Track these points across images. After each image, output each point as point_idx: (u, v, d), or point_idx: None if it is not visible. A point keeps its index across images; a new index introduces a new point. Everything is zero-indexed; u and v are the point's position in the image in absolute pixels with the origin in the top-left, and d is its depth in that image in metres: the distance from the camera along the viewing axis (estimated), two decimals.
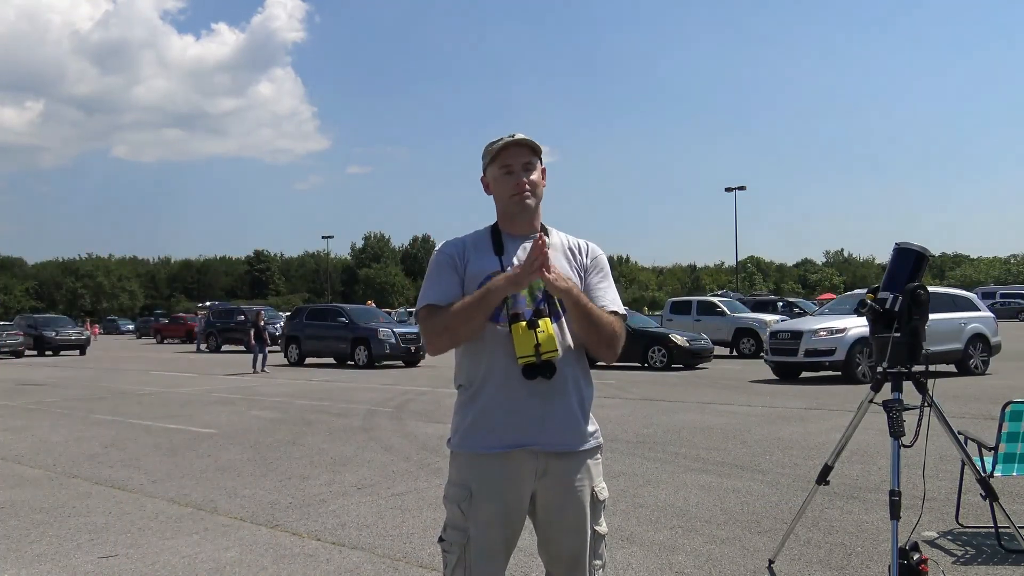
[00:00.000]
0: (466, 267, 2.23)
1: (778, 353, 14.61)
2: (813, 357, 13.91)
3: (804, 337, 13.98)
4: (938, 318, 13.26)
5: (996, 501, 3.66)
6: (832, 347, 13.66)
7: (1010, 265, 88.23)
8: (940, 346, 13.33)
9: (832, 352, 13.65)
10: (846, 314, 14.55)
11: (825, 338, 13.85)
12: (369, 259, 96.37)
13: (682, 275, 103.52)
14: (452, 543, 2.18)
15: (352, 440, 8.36)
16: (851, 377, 13.41)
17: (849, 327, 13.55)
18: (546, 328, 2.13)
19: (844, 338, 13.62)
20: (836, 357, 13.60)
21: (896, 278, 3.55)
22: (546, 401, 2.16)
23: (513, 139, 2.24)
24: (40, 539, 4.83)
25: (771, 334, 15.11)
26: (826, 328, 13.91)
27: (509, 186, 2.24)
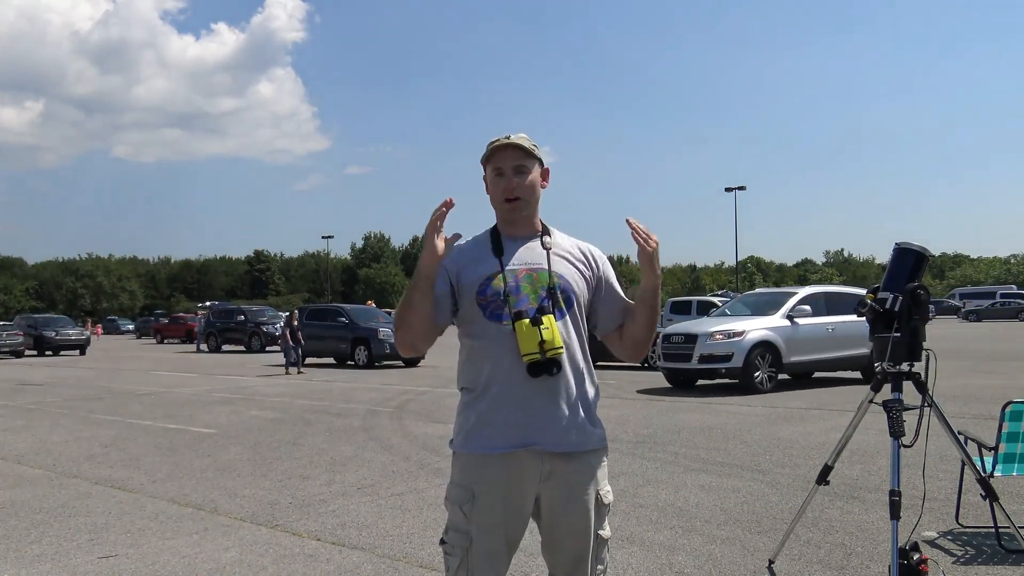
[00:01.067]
0: (459, 274, 2.22)
1: (671, 359, 13.07)
2: (708, 364, 12.43)
3: (699, 341, 12.45)
4: (844, 320, 12.86)
5: (996, 501, 3.67)
6: (729, 352, 12.22)
7: (1010, 265, 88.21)
8: (845, 351, 13.02)
9: (729, 358, 12.21)
10: (747, 315, 13.56)
11: (721, 342, 12.36)
12: (369, 259, 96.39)
13: (682, 275, 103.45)
14: (454, 545, 2.17)
15: (352, 440, 8.36)
16: (749, 387, 12.06)
17: (748, 330, 12.38)
18: (550, 325, 2.13)
19: (742, 342, 12.23)
20: (733, 364, 12.18)
21: (896, 278, 3.55)
22: (552, 400, 2.16)
23: (504, 141, 2.22)
24: (40, 539, 4.83)
25: (663, 337, 13.31)
26: (723, 331, 12.46)
27: (499, 189, 2.24)
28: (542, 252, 2.26)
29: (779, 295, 13.92)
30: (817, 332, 12.89)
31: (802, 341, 12.66)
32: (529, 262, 2.24)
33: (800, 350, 12.65)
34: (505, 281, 2.19)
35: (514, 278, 2.20)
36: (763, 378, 12.21)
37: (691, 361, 12.53)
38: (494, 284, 2.19)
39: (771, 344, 12.35)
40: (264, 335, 28.94)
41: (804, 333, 12.73)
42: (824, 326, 12.99)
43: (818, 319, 12.97)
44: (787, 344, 12.49)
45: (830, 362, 13.17)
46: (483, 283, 2.20)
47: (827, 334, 12.97)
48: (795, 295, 13.36)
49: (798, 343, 12.60)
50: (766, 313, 13.08)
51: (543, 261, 2.24)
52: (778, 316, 12.79)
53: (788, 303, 12.98)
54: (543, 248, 2.27)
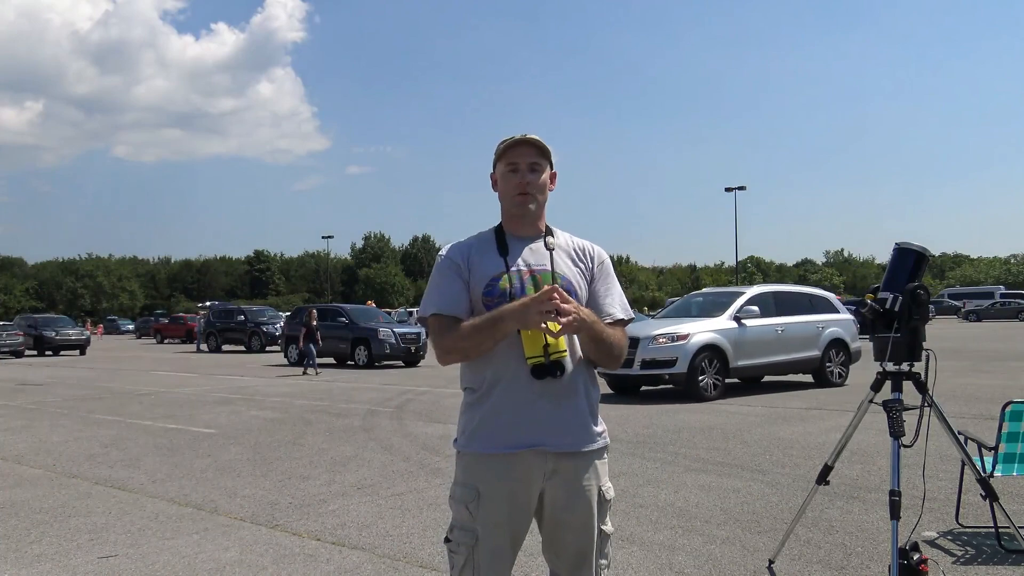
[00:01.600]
0: (470, 271, 2.23)
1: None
2: (651, 369, 11.45)
3: (640, 345, 11.34)
4: (793, 321, 12.54)
5: (996, 501, 3.66)
6: (672, 357, 11.32)
7: (1010, 265, 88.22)
8: (795, 354, 12.49)
9: (672, 363, 11.32)
10: (693, 317, 12.77)
11: (664, 346, 11.38)
12: (369, 259, 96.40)
13: (682, 275, 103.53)
14: (460, 544, 2.18)
15: (352, 440, 8.36)
16: (693, 393, 11.26)
17: (692, 332, 11.50)
18: (554, 328, 2.14)
19: (686, 346, 11.33)
20: (677, 369, 11.29)
21: (896, 278, 3.55)
22: (555, 402, 2.17)
23: (522, 138, 2.23)
24: (40, 539, 4.83)
25: None
26: (666, 334, 11.47)
27: (512, 184, 2.24)
28: (546, 253, 2.27)
29: (726, 295, 13.08)
30: (766, 334, 12.19)
31: (750, 344, 11.92)
32: (533, 263, 2.24)
33: (748, 353, 11.92)
34: (511, 282, 2.20)
35: (519, 279, 2.21)
36: (709, 384, 11.43)
37: (632, 367, 11.39)
38: (500, 285, 2.20)
39: (717, 347, 11.55)
40: (264, 335, 28.94)
41: (752, 335, 11.98)
42: (773, 328, 12.32)
43: (767, 320, 12.31)
44: (734, 347, 11.75)
45: (780, 365, 12.51)
46: (490, 283, 2.21)
47: (776, 336, 12.33)
48: (742, 295, 12.59)
49: (746, 346, 11.87)
50: (712, 315, 12.30)
51: (547, 262, 2.25)
52: (724, 318, 11.99)
53: (735, 304, 12.21)
54: (547, 249, 2.27)
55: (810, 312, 13.15)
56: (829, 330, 13.17)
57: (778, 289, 13.75)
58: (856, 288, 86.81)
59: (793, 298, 13.37)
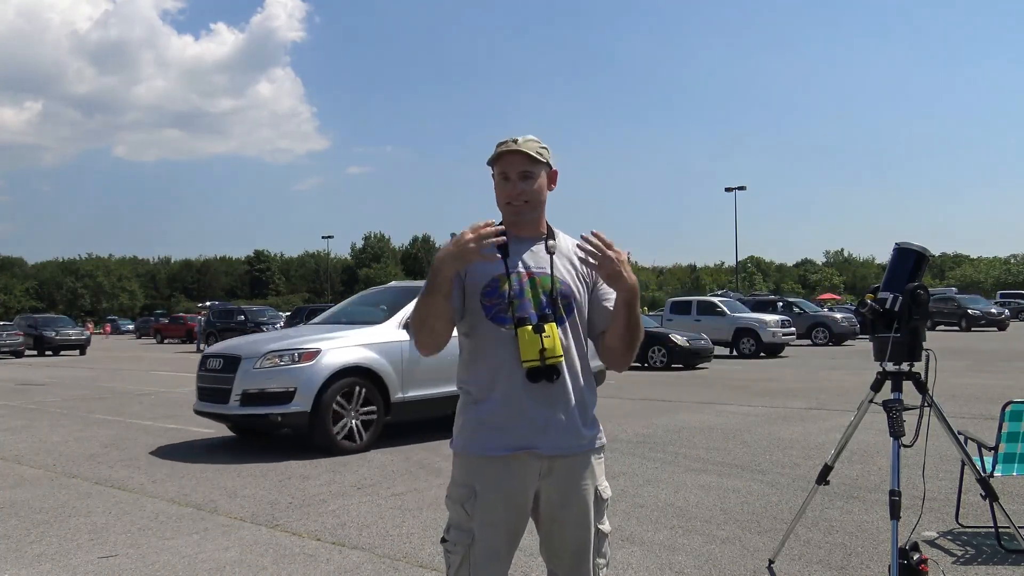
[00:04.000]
0: (467, 272, 2.22)
1: (207, 397, 8.09)
2: (255, 406, 7.54)
3: (241, 369, 7.65)
4: None
5: (996, 501, 3.67)
6: (288, 387, 7.46)
7: (1010, 265, 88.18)
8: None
9: (288, 397, 7.44)
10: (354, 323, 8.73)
11: (276, 371, 7.52)
12: (369, 259, 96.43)
13: (682, 275, 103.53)
14: (456, 543, 2.18)
15: None
16: (327, 446, 7.49)
17: (326, 349, 7.69)
18: (551, 333, 2.14)
19: (311, 370, 7.53)
20: (295, 406, 7.41)
21: (896, 278, 3.55)
22: (550, 405, 2.17)
23: (512, 147, 2.20)
24: (40, 539, 4.83)
25: (201, 360, 8.44)
26: (281, 351, 7.67)
27: (503, 194, 2.23)
28: (545, 256, 2.26)
29: (407, 291, 9.11)
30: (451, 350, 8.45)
31: (426, 365, 7.73)
32: (533, 266, 2.23)
33: (423, 379, 8.04)
34: (510, 284, 2.19)
35: (518, 282, 2.20)
36: (353, 428, 7.64)
37: (229, 401, 7.67)
38: (500, 287, 2.19)
39: (369, 371, 7.82)
40: None
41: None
42: None
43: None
44: (400, 371, 7.97)
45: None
46: (489, 284, 2.20)
47: None
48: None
49: (419, 369, 7.99)
50: (374, 321, 8.51)
51: (546, 265, 2.24)
52: (389, 325, 8.21)
53: (408, 305, 8.02)
54: (547, 252, 2.26)
55: None
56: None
57: None
58: (856, 288, 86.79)
59: None
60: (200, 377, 8.29)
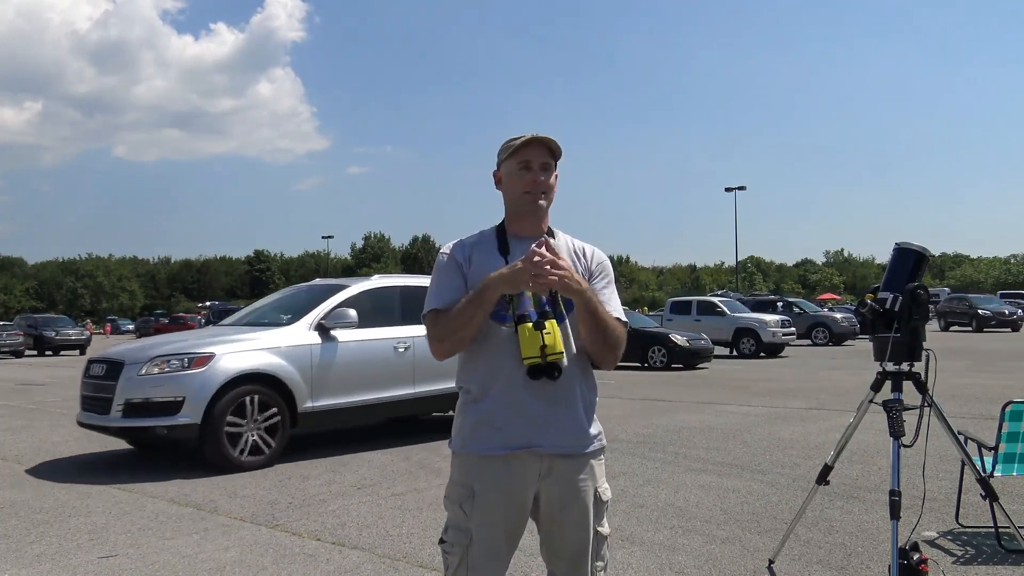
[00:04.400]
0: (471, 270, 2.22)
1: (90, 406, 7.33)
2: (138, 418, 6.78)
3: (123, 376, 6.88)
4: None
5: (996, 501, 3.67)
6: (176, 396, 6.71)
7: (1010, 265, 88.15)
8: (434, 383, 7.99)
9: (176, 407, 6.69)
10: (260, 325, 7.95)
11: (163, 377, 6.78)
12: (369, 259, 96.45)
13: (682, 275, 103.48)
14: (454, 544, 2.17)
15: (352, 440, 8.36)
16: (218, 458, 6.78)
17: (221, 353, 6.96)
18: (552, 330, 2.13)
19: (202, 378, 6.77)
20: (184, 417, 6.67)
21: (896, 278, 3.55)
22: (551, 403, 2.16)
23: (537, 137, 2.21)
24: (40, 539, 4.83)
25: (85, 366, 7.72)
26: (169, 356, 6.89)
27: (524, 182, 2.22)
28: None
29: (321, 291, 8.40)
30: (372, 355, 7.84)
31: (341, 371, 7.53)
32: None
33: (336, 387, 7.53)
34: None
35: None
36: (251, 442, 6.91)
37: (110, 412, 6.89)
38: None
39: (272, 378, 7.11)
40: None
41: (346, 357, 7.61)
42: (389, 344, 7.93)
43: (376, 332, 7.92)
44: (309, 377, 7.32)
45: (402, 402, 8.05)
46: None
47: (395, 357, 7.95)
48: (340, 292, 8.04)
49: (333, 375, 7.49)
50: (282, 322, 7.80)
51: None
52: (300, 327, 7.51)
53: (322, 306, 7.74)
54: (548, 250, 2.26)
55: None
56: None
57: (407, 283, 8.78)
58: (856, 288, 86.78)
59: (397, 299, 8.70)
60: (83, 385, 7.45)
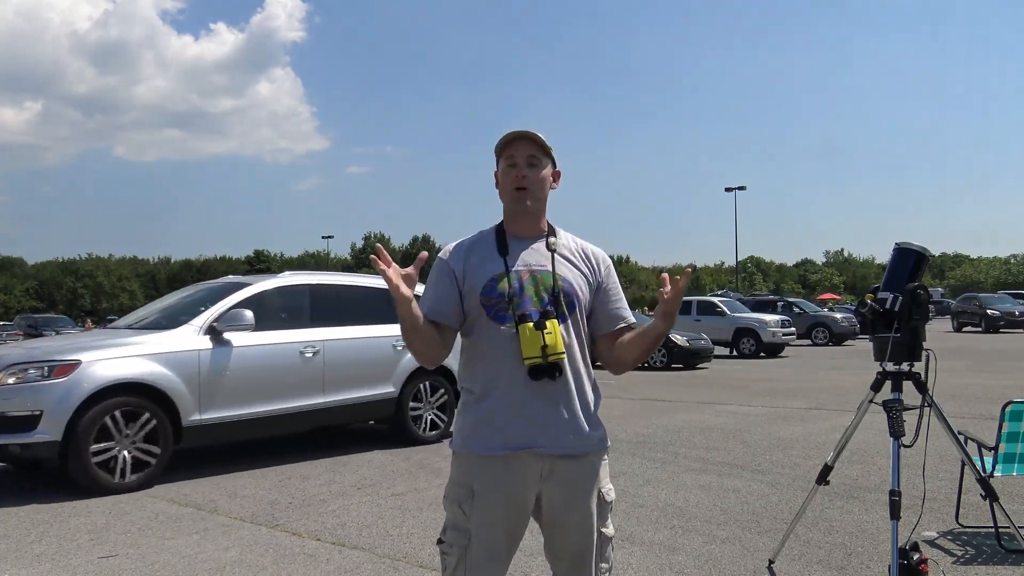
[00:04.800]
0: (466, 275, 2.22)
1: None
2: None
3: None
4: (344, 337, 7.61)
5: (996, 501, 3.67)
6: (33, 410, 5.89)
7: (1010, 265, 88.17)
8: (344, 392, 7.47)
9: (32, 422, 5.88)
10: (154, 327, 7.05)
11: (14, 390, 5.96)
12: (369, 259, 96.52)
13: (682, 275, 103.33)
14: (453, 544, 2.17)
15: (352, 440, 8.36)
16: (85, 483, 5.98)
17: (89, 361, 6.15)
18: (553, 329, 2.13)
19: (65, 390, 5.95)
20: (41, 434, 5.86)
21: (896, 278, 3.56)
22: (552, 403, 2.16)
23: (520, 133, 2.23)
24: (40, 539, 4.83)
25: None
26: (26, 364, 6.11)
27: (509, 179, 2.24)
28: (547, 254, 2.26)
29: (219, 290, 7.49)
30: (273, 361, 7.06)
31: (236, 379, 6.77)
32: (533, 264, 2.23)
33: (229, 397, 6.73)
34: (510, 283, 2.19)
35: (518, 280, 2.20)
36: (127, 460, 6.16)
37: None
38: (499, 285, 2.19)
39: (151, 388, 6.30)
40: None
41: (242, 363, 6.82)
42: (294, 349, 7.20)
43: (279, 335, 7.21)
44: (196, 387, 6.52)
45: (308, 413, 7.30)
46: (488, 283, 2.20)
47: (300, 363, 7.21)
48: (239, 291, 7.19)
49: (226, 384, 6.71)
50: (171, 325, 6.91)
51: (547, 263, 2.24)
52: (186, 331, 6.69)
53: (216, 308, 6.91)
54: (548, 249, 2.26)
55: (386, 320, 7.73)
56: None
57: (319, 281, 8.00)
58: (856, 288, 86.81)
59: (347, 297, 8.03)
60: None
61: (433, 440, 8.06)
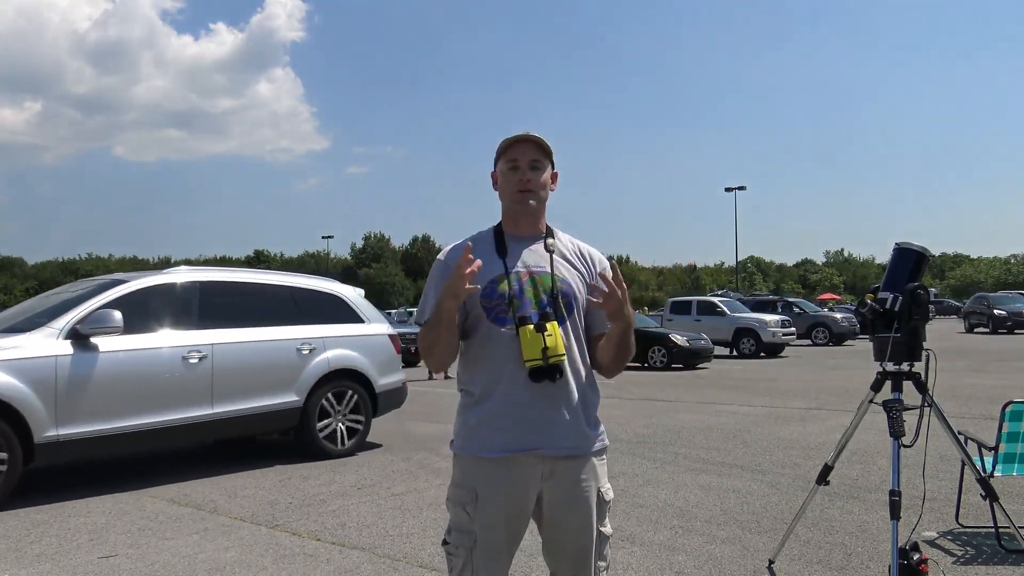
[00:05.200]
0: None
1: None
2: None
3: None
4: (238, 340, 6.83)
5: (996, 501, 3.67)
6: None
7: (1010, 265, 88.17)
8: (238, 402, 6.74)
9: None
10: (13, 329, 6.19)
11: None
12: (369, 259, 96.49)
13: (682, 275, 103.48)
14: (458, 546, 2.17)
15: None
16: None
17: None
18: (553, 331, 2.13)
19: None
20: None
21: (896, 278, 3.56)
22: (553, 405, 2.16)
23: (524, 135, 2.23)
24: (40, 539, 4.83)
25: None
26: None
27: (512, 181, 2.24)
28: (545, 255, 2.26)
29: (92, 288, 6.63)
30: (150, 368, 6.34)
31: (103, 389, 6.02)
32: (532, 265, 2.23)
33: (94, 409, 5.98)
34: (509, 284, 2.19)
35: (518, 281, 2.20)
36: None
37: None
38: (499, 287, 2.19)
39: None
40: None
41: (110, 371, 6.08)
42: (176, 354, 6.43)
43: (158, 339, 6.45)
44: (52, 398, 5.77)
45: (187, 428, 6.49)
46: (488, 285, 2.19)
47: (180, 371, 6.44)
48: (111, 289, 6.43)
49: (90, 394, 5.96)
50: (30, 328, 6.07)
51: (546, 264, 2.24)
52: (42, 335, 5.93)
53: (81, 307, 6.15)
54: (546, 250, 2.26)
55: (290, 321, 7.29)
56: (328, 355, 7.34)
57: (212, 278, 7.17)
58: (856, 288, 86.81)
59: (246, 296, 7.29)
60: None
61: (348, 452, 7.37)
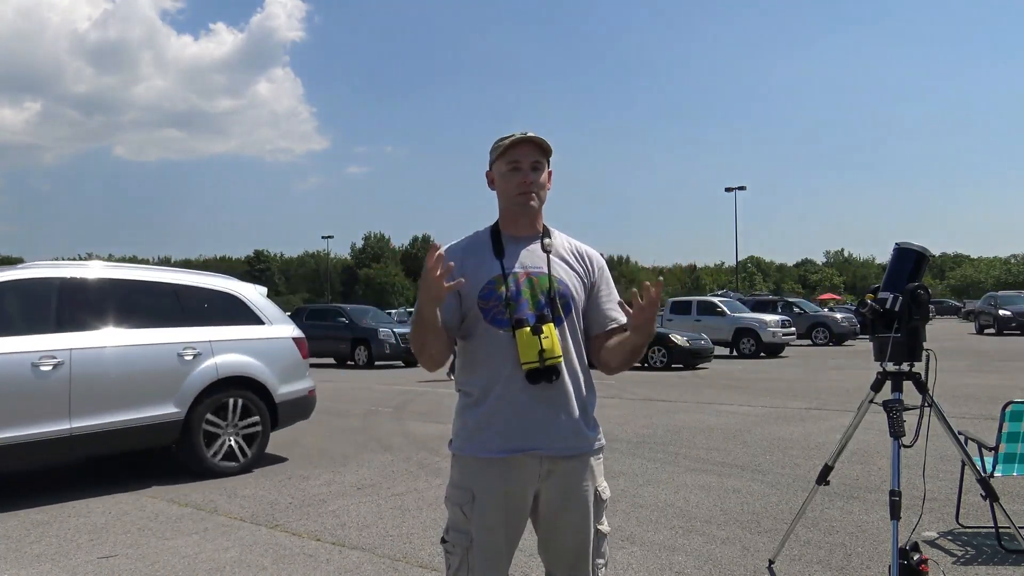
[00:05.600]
0: (465, 276, 2.19)
1: None
2: None
3: None
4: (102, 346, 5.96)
5: (996, 501, 3.67)
6: None
7: (1010, 265, 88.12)
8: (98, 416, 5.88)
9: None
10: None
11: None
12: (369, 259, 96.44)
13: (682, 275, 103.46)
14: (455, 545, 2.18)
15: (352, 440, 8.36)
16: None
17: None
18: (550, 333, 2.13)
19: None
20: None
21: (896, 278, 3.56)
22: (550, 406, 2.16)
23: (525, 136, 2.21)
24: (40, 539, 4.83)
25: None
26: None
27: (514, 183, 2.22)
28: (542, 255, 2.25)
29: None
30: None
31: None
32: (530, 265, 2.23)
33: None
34: (507, 285, 2.19)
35: (515, 282, 2.20)
36: None
37: None
38: (497, 289, 2.19)
39: None
40: None
41: None
42: (25, 360, 5.60)
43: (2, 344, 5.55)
44: None
45: (36, 445, 5.64)
46: (486, 286, 2.19)
47: (29, 381, 5.60)
48: None
49: None
50: None
51: (543, 265, 2.24)
52: None
53: None
54: (543, 251, 2.26)
55: (172, 322, 6.48)
56: (216, 361, 6.53)
57: (75, 275, 6.18)
58: (856, 288, 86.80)
59: (116, 295, 6.32)
60: None
61: (233, 472, 6.56)
